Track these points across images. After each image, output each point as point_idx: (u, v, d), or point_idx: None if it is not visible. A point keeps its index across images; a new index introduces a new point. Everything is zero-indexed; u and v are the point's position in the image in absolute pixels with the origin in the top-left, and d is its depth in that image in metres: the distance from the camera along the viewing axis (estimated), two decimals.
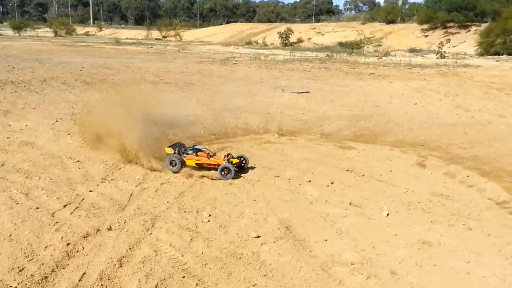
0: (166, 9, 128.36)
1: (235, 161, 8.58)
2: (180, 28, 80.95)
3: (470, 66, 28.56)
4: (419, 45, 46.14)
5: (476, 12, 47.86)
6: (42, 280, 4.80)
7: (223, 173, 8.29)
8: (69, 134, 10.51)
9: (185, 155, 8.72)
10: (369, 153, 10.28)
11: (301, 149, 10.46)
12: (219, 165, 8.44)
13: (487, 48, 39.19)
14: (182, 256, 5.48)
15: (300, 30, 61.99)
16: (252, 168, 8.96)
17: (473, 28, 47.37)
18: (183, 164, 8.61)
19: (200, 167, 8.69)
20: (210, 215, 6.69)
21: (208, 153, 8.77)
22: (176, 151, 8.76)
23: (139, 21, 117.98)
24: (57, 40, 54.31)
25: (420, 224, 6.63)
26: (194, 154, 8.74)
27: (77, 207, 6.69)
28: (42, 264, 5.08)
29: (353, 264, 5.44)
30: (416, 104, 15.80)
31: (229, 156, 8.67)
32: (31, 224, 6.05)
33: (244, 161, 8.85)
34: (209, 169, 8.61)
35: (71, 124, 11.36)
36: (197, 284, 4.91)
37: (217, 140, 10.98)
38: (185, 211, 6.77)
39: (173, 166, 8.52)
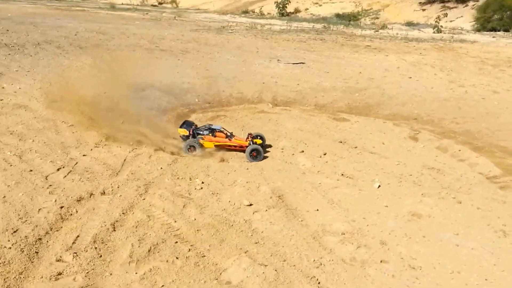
0: None
1: (259, 141, 8.16)
2: None
3: (466, 42, 28.36)
4: (416, 19, 45.72)
5: None
6: (36, 241, 4.82)
7: (252, 155, 7.81)
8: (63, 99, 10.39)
9: (201, 137, 8.06)
10: (362, 125, 10.27)
11: (295, 119, 10.43)
12: (241, 146, 8.03)
13: (484, 24, 38.90)
14: (175, 222, 5.51)
15: (298, 0, 61.25)
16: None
17: (470, 3, 46.91)
18: (201, 148, 7.95)
19: (219, 148, 8.12)
20: (203, 182, 6.69)
21: (227, 133, 8.21)
22: (191, 132, 8.08)
23: None
24: (52, 4, 53.26)
25: (411, 197, 6.67)
26: (211, 135, 8.11)
27: (71, 170, 6.67)
28: (36, 226, 5.09)
29: (344, 234, 5.49)
30: (411, 78, 15.72)
31: (251, 136, 8.28)
32: (25, 186, 6.03)
33: (263, 141, 8.40)
34: (228, 150, 8.09)
35: (64, 87, 11.22)
36: (189, 249, 4.94)
37: (211, 109, 10.91)
38: (178, 178, 6.77)
39: (191, 152, 7.84)
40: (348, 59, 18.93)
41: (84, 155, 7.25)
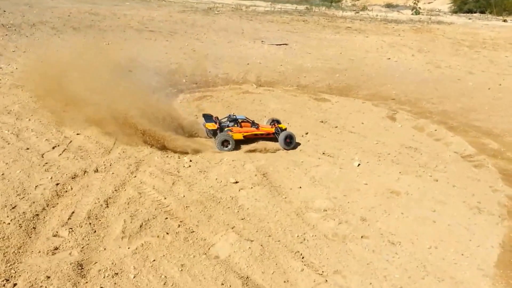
0: None
1: (284, 126, 7.92)
2: None
3: (443, 23, 28.47)
4: (395, 1, 45.73)
5: None
6: (33, 217, 4.83)
7: (287, 141, 7.52)
8: (57, 79, 10.28)
9: (229, 129, 7.54)
10: (342, 106, 10.35)
11: (278, 99, 10.46)
12: (268, 133, 7.72)
13: (461, 6, 39.13)
14: (165, 198, 5.54)
15: None
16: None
17: None
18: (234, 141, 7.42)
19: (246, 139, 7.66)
20: (191, 161, 6.71)
21: (252, 122, 7.82)
22: (218, 126, 7.56)
23: None
24: None
25: (389, 175, 6.79)
26: (237, 125, 7.65)
27: (65, 149, 6.62)
28: (34, 203, 5.09)
29: (326, 211, 5.58)
30: (389, 59, 15.81)
31: (273, 121, 8.06)
32: (22, 164, 6.00)
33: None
34: (253, 140, 7.69)
35: (59, 69, 11.10)
36: (179, 225, 4.99)
37: (198, 89, 10.88)
38: (167, 156, 6.77)
39: (225, 146, 7.26)
40: (330, 40, 18.94)
41: (77, 134, 7.19)
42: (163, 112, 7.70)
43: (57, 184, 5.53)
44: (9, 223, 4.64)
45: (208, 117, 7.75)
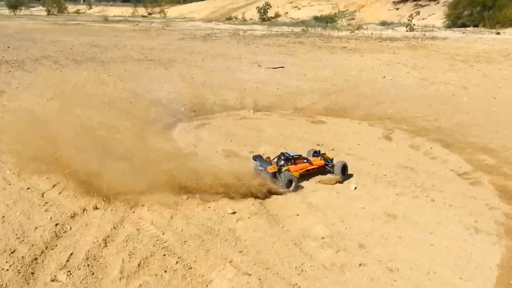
0: None
1: (330, 156, 7.67)
2: (164, 4, 79.58)
3: (437, 39, 28.60)
4: (390, 18, 46.01)
5: None
6: (32, 261, 4.76)
7: (343, 171, 7.28)
8: (58, 113, 10.31)
9: (287, 168, 7.09)
10: (339, 127, 10.31)
11: (275, 124, 10.44)
12: (319, 167, 7.41)
13: (455, 20, 39.24)
14: (163, 234, 5.47)
15: (278, 4, 61.19)
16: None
17: (442, 0, 47.32)
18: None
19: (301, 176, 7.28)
20: (188, 192, 6.65)
21: (303, 158, 7.49)
22: (277, 168, 7.03)
23: None
24: (50, 19, 53.07)
25: (386, 197, 6.70)
26: (292, 163, 7.27)
27: (65, 187, 6.58)
28: (33, 246, 5.03)
29: (323, 238, 5.49)
30: (384, 77, 15.82)
31: (321, 153, 7.73)
32: (22, 204, 5.96)
33: None
34: (305, 176, 7.29)
35: (61, 103, 11.18)
36: (177, 261, 4.91)
37: (196, 117, 10.88)
38: None
39: (290, 187, 6.83)
40: (325, 61, 19.02)
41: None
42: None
43: (56, 225, 5.47)
44: (7, 270, 4.57)
45: (260, 159, 7.26)
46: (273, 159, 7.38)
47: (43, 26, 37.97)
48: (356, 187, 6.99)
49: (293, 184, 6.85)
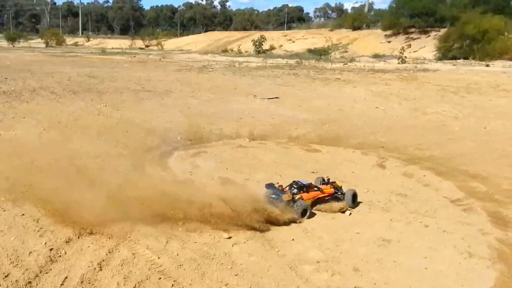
0: (149, 18, 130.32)
1: (339, 184, 7.61)
2: (162, 37, 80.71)
3: (428, 71, 29.02)
4: (382, 51, 46.73)
5: (436, 18, 48.67)
6: (26, 285, 4.73)
7: (354, 199, 7.28)
8: (55, 142, 10.37)
9: (300, 196, 7.02)
10: (333, 155, 10.40)
11: (270, 152, 10.52)
12: (329, 194, 7.29)
13: (445, 53, 39.88)
14: (159, 258, 5.45)
15: (273, 37, 62.23)
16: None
17: (432, 33, 48.23)
18: None
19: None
20: (184, 217, 6.65)
21: (315, 186, 7.41)
22: (292, 197, 6.95)
23: (124, 31, 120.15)
24: (48, 51, 53.62)
25: (381, 223, 6.73)
26: (305, 191, 7.18)
27: (60, 213, 6.57)
28: (27, 270, 5.00)
29: (319, 262, 5.50)
30: (377, 108, 16.01)
31: (330, 181, 7.65)
32: (17, 230, 5.94)
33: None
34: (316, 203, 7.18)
35: (57, 132, 11.25)
36: (172, 285, 4.89)
37: (192, 146, 10.95)
38: None
39: (305, 215, 6.77)
40: (319, 92, 19.25)
41: None
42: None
43: (51, 249, 5.46)
44: None
45: (273, 187, 7.13)
46: (285, 187, 7.26)
47: (42, 58, 38.37)
48: (351, 213, 7.03)
49: (308, 213, 6.81)
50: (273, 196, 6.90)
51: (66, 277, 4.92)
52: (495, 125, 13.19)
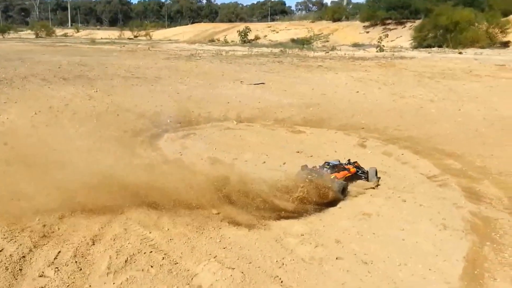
0: (137, 11, 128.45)
1: (358, 163, 7.60)
2: (150, 28, 79.50)
3: (405, 58, 29.04)
4: (361, 40, 46.71)
5: (411, 10, 49.10)
6: (20, 259, 4.63)
7: (376, 175, 7.32)
8: (46, 125, 10.17)
9: (334, 176, 6.92)
10: (317, 136, 10.34)
11: (257, 134, 10.44)
12: (351, 173, 7.24)
13: (420, 42, 40.11)
14: (150, 233, 5.37)
15: (257, 28, 61.80)
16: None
17: (408, 24, 48.33)
18: None
19: None
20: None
21: (342, 165, 7.38)
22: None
23: (113, 23, 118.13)
24: (38, 41, 52.64)
25: (361, 198, 6.71)
26: (336, 171, 7.11)
27: (52, 191, 6.42)
28: (20, 245, 4.89)
29: (303, 235, 5.45)
30: (358, 92, 15.95)
31: (353, 162, 7.61)
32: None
33: None
34: None
35: (49, 116, 11.02)
36: (163, 257, 4.82)
37: (182, 128, 10.81)
38: None
39: (343, 194, 6.66)
40: (303, 78, 19.14)
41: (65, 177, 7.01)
42: None
43: (44, 226, 5.34)
44: None
45: (310, 169, 7.03)
46: (319, 168, 7.16)
47: (32, 48, 37.67)
48: None
49: (346, 191, 6.73)
50: (315, 176, 6.62)
51: (59, 252, 4.83)
52: (468, 108, 13.22)
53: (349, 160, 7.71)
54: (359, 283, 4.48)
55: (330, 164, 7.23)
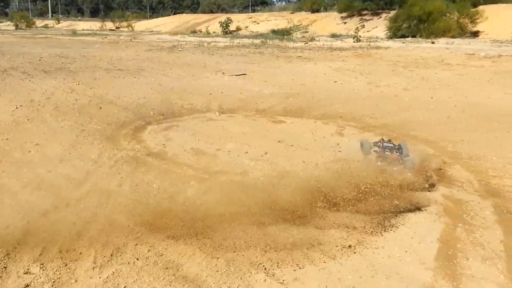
0: (119, 2, 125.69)
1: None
2: (132, 19, 78.00)
3: (381, 48, 29.11)
4: (339, 31, 46.65)
5: (386, 1, 49.17)
6: (4, 257, 4.50)
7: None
8: (28, 119, 9.91)
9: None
10: (297, 126, 10.31)
11: (239, 124, 10.35)
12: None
13: (395, 32, 40.25)
14: (135, 225, 5.29)
15: (239, 19, 61.28)
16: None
17: (383, 15, 48.42)
18: None
19: None
20: (159, 188, 6.48)
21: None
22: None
23: (94, 14, 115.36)
24: (18, 33, 51.32)
25: None
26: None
27: (36, 187, 6.29)
28: (4, 242, 4.76)
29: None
30: (335, 82, 15.95)
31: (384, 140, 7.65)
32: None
33: None
34: None
35: (30, 110, 10.73)
36: (148, 250, 4.74)
37: (165, 120, 10.66)
38: (136, 185, 6.53)
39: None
40: (283, 68, 19.07)
41: (49, 171, 6.88)
42: None
43: (28, 222, 5.20)
44: None
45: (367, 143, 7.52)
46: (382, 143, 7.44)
47: (11, 40, 36.76)
48: None
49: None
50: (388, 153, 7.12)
51: (44, 248, 4.69)
52: (440, 95, 13.31)
53: (382, 138, 7.78)
54: (339, 267, 4.47)
55: (386, 144, 7.36)
